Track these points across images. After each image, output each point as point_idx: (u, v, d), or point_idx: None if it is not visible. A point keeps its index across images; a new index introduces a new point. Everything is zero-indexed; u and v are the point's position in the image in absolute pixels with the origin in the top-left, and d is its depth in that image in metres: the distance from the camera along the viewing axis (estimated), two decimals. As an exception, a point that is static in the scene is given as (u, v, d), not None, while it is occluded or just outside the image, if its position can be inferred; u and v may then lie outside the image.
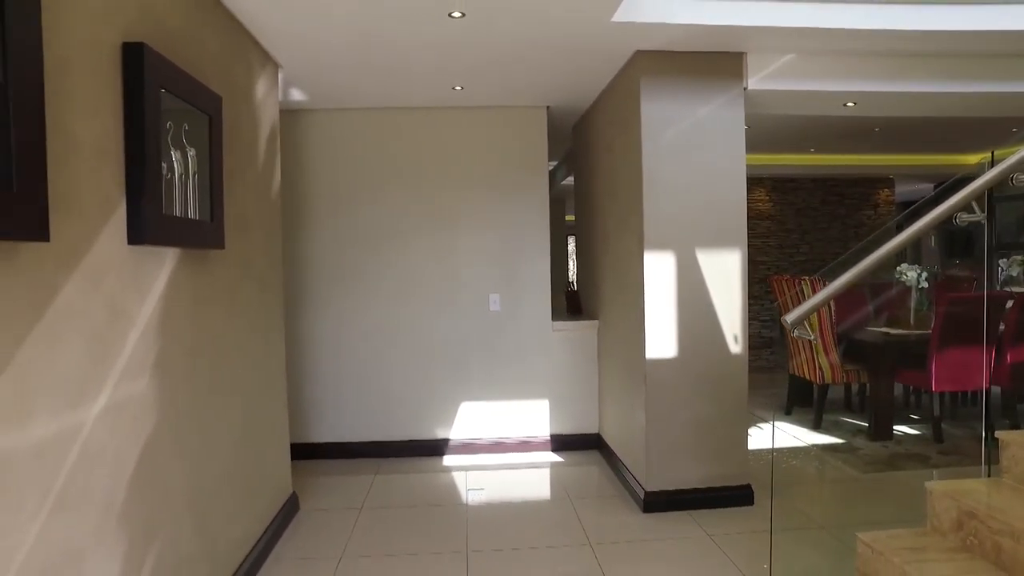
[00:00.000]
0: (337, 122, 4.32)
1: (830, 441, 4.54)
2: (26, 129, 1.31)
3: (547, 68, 3.54)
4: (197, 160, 2.21)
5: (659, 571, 2.77)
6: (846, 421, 5.06)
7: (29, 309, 1.40)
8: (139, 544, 1.84)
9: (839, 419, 5.11)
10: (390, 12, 2.72)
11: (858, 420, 5.07)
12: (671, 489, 3.36)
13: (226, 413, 2.54)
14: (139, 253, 1.87)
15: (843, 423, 5.00)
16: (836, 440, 4.55)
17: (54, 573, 1.45)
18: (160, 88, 1.89)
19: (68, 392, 1.53)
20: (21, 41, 1.30)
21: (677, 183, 3.31)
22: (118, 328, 1.76)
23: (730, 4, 2.95)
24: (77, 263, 1.57)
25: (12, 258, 1.35)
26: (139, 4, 1.89)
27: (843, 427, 4.89)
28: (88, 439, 1.60)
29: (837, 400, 5.51)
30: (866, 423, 4.86)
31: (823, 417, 4.89)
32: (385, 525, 3.28)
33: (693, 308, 3.34)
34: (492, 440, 4.46)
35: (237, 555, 2.60)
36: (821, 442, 4.52)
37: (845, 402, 5.45)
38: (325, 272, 4.36)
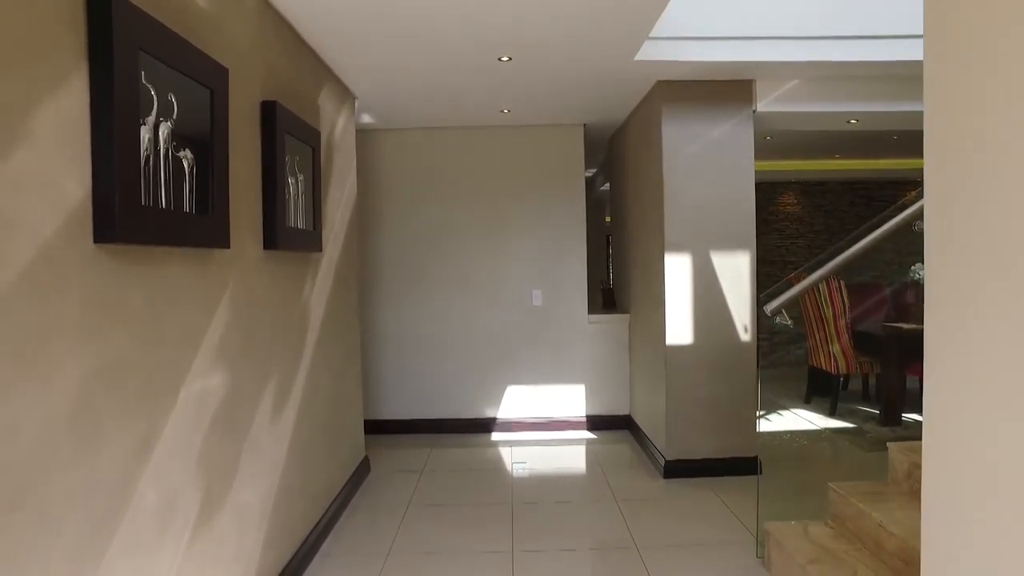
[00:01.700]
0: (401, 140, 4.97)
1: (842, 426, 4.98)
2: (220, 170, 1.96)
3: (581, 95, 4.11)
4: (304, 183, 2.86)
5: (673, 522, 3.30)
6: (861, 409, 5.47)
7: (215, 294, 2.05)
8: (268, 465, 2.49)
9: (855, 407, 5.52)
10: (450, 60, 3.34)
11: (873, 409, 5.48)
12: (688, 458, 3.89)
13: (322, 380, 3.19)
14: (270, 255, 2.52)
15: (858, 411, 5.42)
16: (848, 425, 4.99)
17: (226, 466, 2.10)
18: (286, 133, 2.54)
19: (230, 353, 2.17)
20: (221, 107, 1.95)
21: (693, 194, 3.83)
22: (256, 309, 2.41)
23: (736, 43, 3.47)
24: (238, 263, 2.22)
25: (207, 261, 1.99)
26: (269, 69, 2.54)
27: (857, 414, 5.31)
28: (240, 387, 2.25)
29: (856, 392, 5.91)
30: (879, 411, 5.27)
31: (839, 405, 5.32)
32: (443, 485, 3.90)
33: (707, 302, 3.86)
34: (534, 419, 5.04)
35: (325, 499, 3.25)
36: (834, 426, 4.96)
37: (863, 393, 5.85)
38: (391, 270, 5.01)
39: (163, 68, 1.67)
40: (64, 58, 1.36)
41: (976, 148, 1.22)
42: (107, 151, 1.45)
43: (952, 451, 1.32)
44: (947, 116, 1.29)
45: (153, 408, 1.69)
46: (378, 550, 2.99)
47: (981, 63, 1.19)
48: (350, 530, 3.25)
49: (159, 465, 1.70)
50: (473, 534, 3.16)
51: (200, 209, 1.87)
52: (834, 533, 2.61)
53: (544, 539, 3.09)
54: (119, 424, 1.53)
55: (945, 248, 1.34)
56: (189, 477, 1.87)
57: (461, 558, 2.91)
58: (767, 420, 5.24)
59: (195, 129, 1.85)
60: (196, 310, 1.93)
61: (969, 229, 1.23)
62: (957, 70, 1.27)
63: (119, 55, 1.46)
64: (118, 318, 1.54)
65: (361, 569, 2.81)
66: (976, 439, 1.23)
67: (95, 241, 1.45)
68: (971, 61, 1.23)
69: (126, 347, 1.57)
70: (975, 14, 1.20)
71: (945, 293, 1.32)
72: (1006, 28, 1.11)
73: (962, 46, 1.26)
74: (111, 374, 1.51)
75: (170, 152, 1.72)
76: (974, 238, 1.21)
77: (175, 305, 1.80)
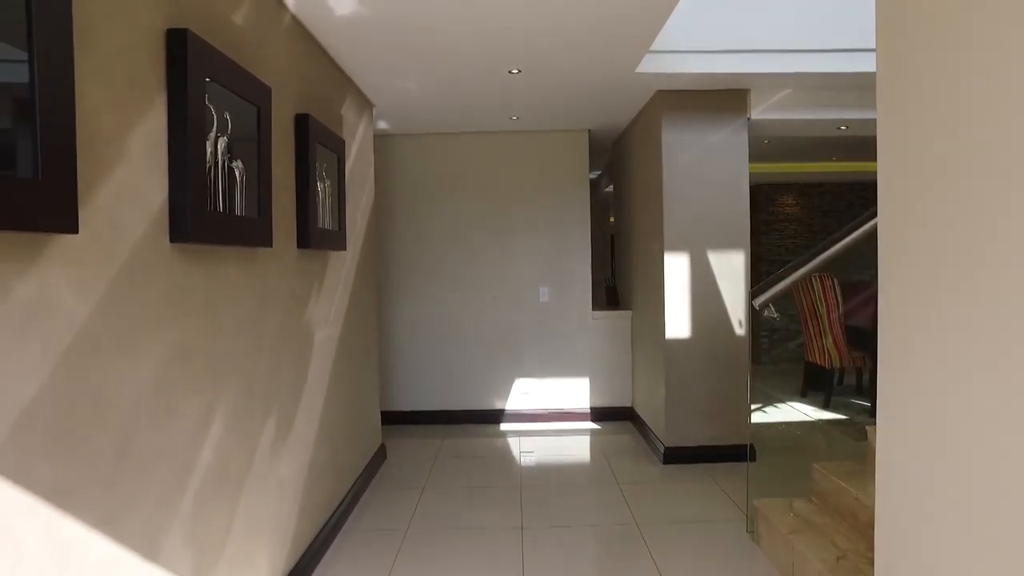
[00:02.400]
0: (415, 144, 5.22)
1: (835, 417, 5.21)
2: (265, 178, 2.22)
3: (586, 103, 4.35)
4: (330, 188, 3.12)
5: (670, 502, 3.55)
6: (854, 402, 5.70)
7: (259, 287, 2.30)
8: (301, 444, 2.75)
9: (849, 401, 5.75)
10: (463, 72, 3.59)
11: (865, 402, 5.71)
12: (686, 446, 4.13)
13: (345, 369, 3.45)
14: (303, 254, 2.78)
15: (852, 404, 5.65)
16: (840, 417, 5.22)
17: (267, 441, 2.36)
18: (318, 144, 2.79)
19: (271, 340, 2.43)
20: (266, 122, 2.21)
21: (691, 196, 4.07)
22: (292, 302, 2.67)
23: (732, 56, 3.71)
24: (277, 261, 2.48)
25: (253, 259, 2.25)
26: (301, 84, 2.80)
27: (851, 407, 5.54)
28: (279, 372, 2.51)
29: (851, 387, 6.13)
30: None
31: (834, 399, 5.55)
32: (455, 471, 4.16)
33: (705, 299, 4.10)
34: (541, 411, 5.29)
35: (349, 479, 3.50)
36: (827, 418, 5.20)
37: (856, 387, 6.08)
38: (405, 267, 5.27)
39: (221, 90, 1.93)
40: (149, 89, 1.62)
41: (917, 168, 1.47)
42: (181, 164, 1.71)
43: (899, 426, 1.58)
44: (896, 122, 1.54)
45: (212, 386, 1.94)
46: (398, 526, 3.25)
47: (928, 78, 1.44)
48: (371, 508, 3.51)
49: (216, 436, 1.96)
50: (485, 513, 3.42)
51: (249, 212, 2.13)
52: (816, 508, 2.86)
53: (551, 517, 3.34)
54: (187, 398, 1.79)
55: (893, 246, 1.59)
56: (238, 448, 2.12)
57: (474, 533, 3.16)
58: (763, 412, 5.48)
59: (244, 142, 2.11)
60: (245, 302, 2.18)
61: (911, 230, 1.48)
62: (905, 87, 1.52)
63: (191, 83, 1.72)
64: (186, 308, 1.80)
65: (383, 542, 3.06)
66: (918, 413, 1.49)
67: (171, 241, 1.71)
68: (918, 77, 1.48)
69: (192, 333, 1.83)
70: (917, 45, 1.46)
71: (893, 284, 1.57)
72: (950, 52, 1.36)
73: (909, 68, 1.51)
74: (182, 355, 1.76)
75: (226, 163, 1.98)
76: (917, 237, 1.46)
77: (228, 297, 2.06)
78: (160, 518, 1.64)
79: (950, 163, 1.37)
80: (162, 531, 1.64)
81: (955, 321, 1.36)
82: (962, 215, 1.33)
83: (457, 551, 2.96)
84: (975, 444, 1.31)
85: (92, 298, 1.39)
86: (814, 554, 2.42)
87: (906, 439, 1.57)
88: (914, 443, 1.53)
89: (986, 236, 1.27)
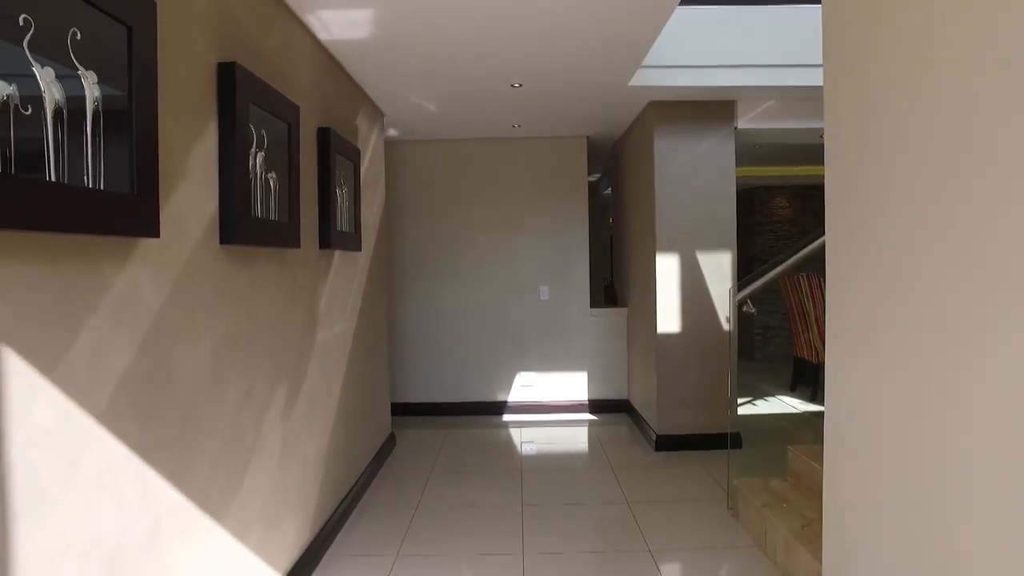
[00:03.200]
0: (423, 150, 5.52)
1: (821, 410, 5.47)
2: (294, 187, 2.51)
3: (583, 113, 4.64)
4: (347, 193, 3.41)
5: (660, 484, 3.83)
6: (841, 396, 5.96)
7: (288, 284, 2.60)
8: (322, 426, 3.04)
9: (836, 394, 6.01)
10: (469, 86, 3.88)
11: (852, 395, 5.97)
12: (676, 434, 4.41)
13: (359, 359, 3.74)
14: (324, 254, 3.07)
15: (838, 397, 5.91)
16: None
17: (295, 421, 2.66)
18: (337, 154, 3.09)
19: (298, 330, 2.72)
20: (295, 137, 2.50)
21: (682, 200, 4.36)
22: (315, 297, 2.96)
23: (718, 70, 3.99)
24: (303, 260, 2.77)
25: (283, 258, 2.54)
26: (323, 99, 3.09)
27: (837, 400, 5.80)
28: (305, 358, 2.80)
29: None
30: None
31: (820, 392, 5.82)
32: (460, 457, 4.45)
33: (693, 296, 4.38)
34: (541, 403, 5.58)
35: (362, 462, 3.80)
36: (813, 410, 5.47)
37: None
38: (413, 268, 5.56)
39: (260, 112, 2.22)
40: (204, 114, 1.91)
41: (852, 183, 1.76)
42: (230, 177, 2.00)
43: (840, 409, 1.87)
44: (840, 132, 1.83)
45: (251, 369, 2.24)
46: (408, 503, 3.54)
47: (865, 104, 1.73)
48: (383, 488, 3.80)
49: (253, 412, 2.25)
50: (488, 493, 3.71)
51: (280, 217, 2.42)
52: (789, 486, 3.14)
53: (549, 496, 3.63)
54: (232, 378, 2.08)
55: (837, 247, 1.88)
56: (272, 424, 2.41)
57: (478, 510, 3.45)
58: (753, 405, 5.76)
59: (277, 155, 2.40)
60: (276, 296, 2.48)
61: (848, 234, 1.77)
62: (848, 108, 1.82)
63: (239, 108, 2.01)
64: (231, 301, 2.09)
65: (395, 516, 3.35)
66: (853, 398, 1.78)
67: (220, 243, 2.00)
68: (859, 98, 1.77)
69: (236, 322, 2.12)
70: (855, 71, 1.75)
71: (838, 280, 1.86)
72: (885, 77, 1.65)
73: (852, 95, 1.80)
74: (228, 341, 2.06)
75: (263, 174, 2.27)
76: (855, 237, 1.75)
77: (263, 292, 2.35)
78: (213, 477, 1.93)
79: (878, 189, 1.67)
80: (214, 489, 1.94)
81: (878, 324, 1.65)
82: (881, 236, 1.62)
83: (463, 524, 3.25)
84: (895, 418, 1.60)
85: (164, 291, 1.68)
86: (783, 523, 2.70)
87: (846, 420, 1.86)
88: (851, 421, 1.82)
89: (902, 255, 1.57)
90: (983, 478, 1.27)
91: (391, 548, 2.99)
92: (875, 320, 1.68)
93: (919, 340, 1.48)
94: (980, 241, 1.28)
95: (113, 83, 1.41)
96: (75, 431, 1.33)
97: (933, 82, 1.42)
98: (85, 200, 1.31)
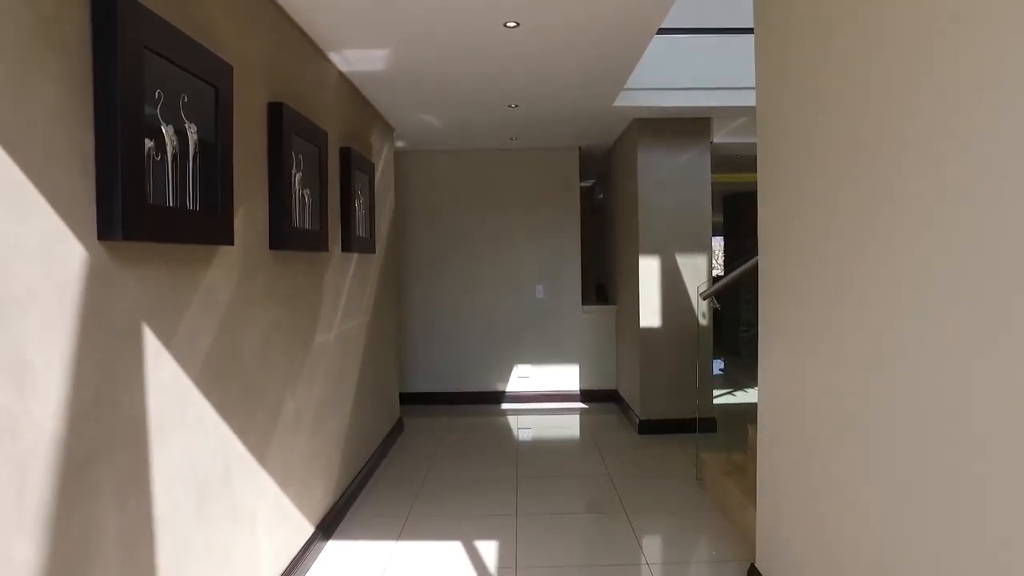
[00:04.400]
0: (428, 160, 6.00)
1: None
2: (322, 200, 2.99)
3: (574, 128, 5.12)
4: (364, 203, 3.89)
5: (641, 462, 4.30)
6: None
7: (317, 282, 3.07)
8: (343, 404, 3.52)
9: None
10: (471, 108, 4.35)
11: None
12: (657, 418, 4.88)
13: (373, 348, 4.22)
14: (345, 256, 3.55)
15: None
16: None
17: (324, 399, 3.13)
18: (356, 170, 3.57)
19: (327, 320, 3.20)
20: (323, 157, 2.98)
21: (663, 208, 4.83)
22: (338, 294, 3.44)
23: (695, 92, 4.46)
24: (329, 261, 3.25)
25: (314, 260, 3.02)
26: (344, 122, 3.56)
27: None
28: (330, 346, 3.28)
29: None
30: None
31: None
32: (462, 441, 4.93)
33: (673, 293, 4.85)
34: (537, 392, 6.05)
35: (375, 440, 4.27)
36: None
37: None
38: (419, 267, 6.04)
39: (299, 139, 2.70)
40: (259, 145, 2.39)
41: (774, 192, 2.25)
42: (278, 195, 2.48)
43: (768, 388, 2.34)
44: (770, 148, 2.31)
45: (291, 352, 2.71)
46: (416, 476, 4.02)
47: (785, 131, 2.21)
48: (394, 465, 4.28)
49: (293, 388, 2.73)
50: (487, 469, 4.18)
51: (313, 226, 2.90)
52: (748, 458, 3.60)
53: (541, 471, 4.10)
54: (277, 358, 2.56)
55: (768, 248, 2.35)
56: (305, 399, 2.89)
57: (478, 483, 3.92)
58: (732, 395, 6.23)
59: (309, 173, 2.88)
60: (309, 291, 2.95)
61: (775, 240, 2.25)
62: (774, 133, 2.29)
63: (284, 139, 2.49)
64: (276, 296, 2.57)
65: (404, 487, 3.83)
66: (773, 382, 2.26)
67: (270, 248, 2.48)
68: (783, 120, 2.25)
69: (280, 313, 2.59)
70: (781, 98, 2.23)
71: (769, 279, 2.34)
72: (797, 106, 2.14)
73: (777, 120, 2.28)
74: (275, 328, 2.53)
75: (300, 191, 2.75)
76: (779, 242, 2.23)
77: (299, 288, 2.83)
78: (264, 437, 2.41)
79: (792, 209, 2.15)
80: (266, 446, 2.41)
81: (788, 324, 2.13)
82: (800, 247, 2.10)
83: (465, 493, 3.73)
84: (803, 397, 2.08)
85: (231, 286, 2.16)
86: (737, 487, 3.18)
87: (770, 397, 2.34)
88: (772, 397, 2.30)
89: (813, 260, 2.04)
90: (866, 444, 1.75)
91: (402, 511, 3.46)
92: (782, 322, 2.16)
93: (810, 340, 1.96)
94: (851, 254, 1.75)
95: (205, 130, 1.89)
96: (182, 388, 1.81)
97: (822, 119, 1.90)
98: (189, 219, 1.78)
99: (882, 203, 1.58)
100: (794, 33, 2.09)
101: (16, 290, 1.20)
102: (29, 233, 1.24)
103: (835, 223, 1.82)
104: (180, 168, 1.74)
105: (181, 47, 1.72)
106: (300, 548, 2.72)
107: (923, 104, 1.41)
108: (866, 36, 1.64)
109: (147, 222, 1.56)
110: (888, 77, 1.54)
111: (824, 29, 1.88)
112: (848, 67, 1.74)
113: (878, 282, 1.61)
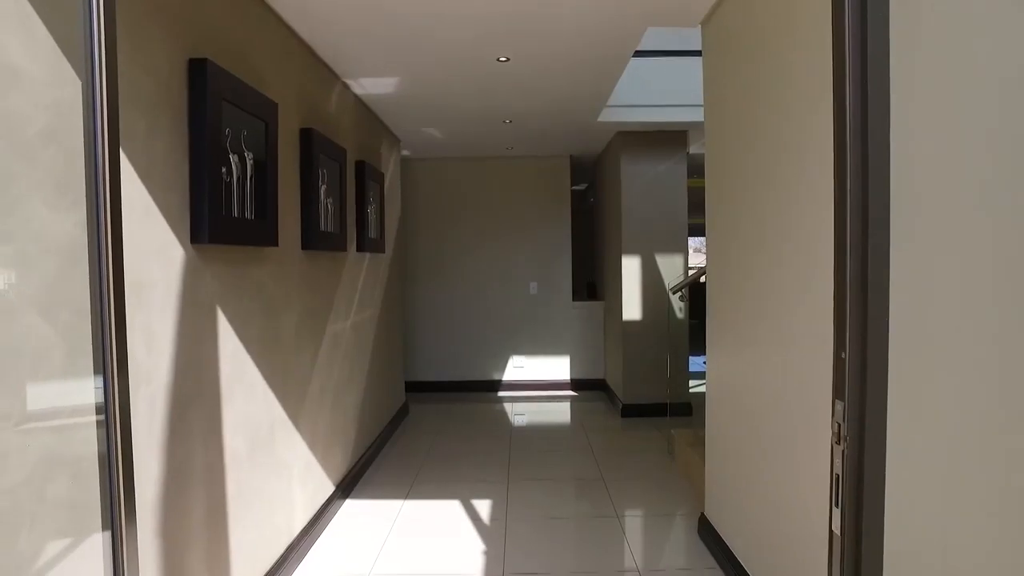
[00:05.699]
0: (430, 168, 6.50)
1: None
2: (343, 207, 3.49)
3: (564, 140, 5.62)
4: (375, 208, 4.39)
5: (620, 439, 4.80)
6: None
7: (337, 277, 3.57)
8: (358, 383, 4.03)
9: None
10: (470, 122, 4.86)
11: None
12: (639, 403, 5.38)
13: (383, 336, 4.72)
14: (359, 255, 4.05)
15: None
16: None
17: (343, 377, 3.63)
18: (369, 179, 4.07)
19: (344, 311, 3.70)
20: (343, 172, 3.48)
21: (643, 212, 5.33)
22: (353, 288, 3.94)
23: (671, 108, 4.96)
24: (347, 259, 3.75)
25: (335, 258, 3.52)
26: (358, 138, 4.06)
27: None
28: (347, 333, 3.78)
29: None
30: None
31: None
32: (463, 424, 5.43)
33: (652, 290, 5.35)
34: (530, 381, 6.56)
35: (384, 419, 4.77)
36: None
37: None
38: (422, 265, 6.54)
39: (324, 158, 3.20)
40: (292, 165, 2.89)
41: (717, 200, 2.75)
42: (308, 206, 2.98)
43: (714, 374, 2.85)
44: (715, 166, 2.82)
45: (317, 338, 3.21)
46: (419, 452, 4.52)
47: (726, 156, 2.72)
48: (400, 442, 4.78)
49: (318, 370, 3.23)
50: (484, 446, 4.68)
51: (335, 230, 3.40)
52: (712, 433, 4.11)
53: (532, 448, 4.61)
54: (307, 341, 3.06)
55: (712, 258, 2.85)
56: (327, 378, 3.39)
57: (475, 457, 4.42)
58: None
59: (332, 184, 3.38)
60: (330, 285, 3.46)
61: (720, 250, 2.75)
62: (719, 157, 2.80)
63: (314, 158, 2.99)
64: (307, 287, 3.06)
65: (410, 460, 4.34)
66: (724, 361, 2.76)
67: (301, 248, 2.98)
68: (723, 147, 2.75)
69: (308, 303, 3.09)
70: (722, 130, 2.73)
71: (714, 280, 2.84)
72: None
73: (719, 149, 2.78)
74: (305, 316, 3.03)
75: (325, 200, 3.25)
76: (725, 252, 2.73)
77: (323, 282, 3.33)
78: (297, 406, 2.91)
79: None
80: (298, 414, 2.92)
81: (726, 322, 2.64)
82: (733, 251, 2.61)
83: (464, 465, 4.23)
84: (743, 380, 2.58)
85: (273, 280, 2.66)
86: (698, 455, 3.67)
87: (715, 384, 2.84)
88: (716, 384, 2.80)
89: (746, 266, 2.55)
90: (785, 416, 2.25)
91: (408, 477, 3.97)
92: (723, 321, 2.66)
93: (738, 335, 2.46)
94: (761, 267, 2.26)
95: (258, 155, 2.39)
96: (242, 358, 2.31)
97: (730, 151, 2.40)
98: (248, 227, 2.29)
99: (765, 231, 2.09)
100: (718, 89, 2.60)
101: (147, 278, 1.70)
102: (153, 239, 1.74)
103: (751, 241, 2.32)
104: (241, 187, 2.24)
105: (244, 94, 2.22)
106: (324, 501, 3.22)
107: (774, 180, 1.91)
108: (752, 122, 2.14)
109: (223, 230, 2.06)
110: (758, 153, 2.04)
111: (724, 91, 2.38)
112: (741, 125, 2.24)
113: (763, 288, 2.11)
